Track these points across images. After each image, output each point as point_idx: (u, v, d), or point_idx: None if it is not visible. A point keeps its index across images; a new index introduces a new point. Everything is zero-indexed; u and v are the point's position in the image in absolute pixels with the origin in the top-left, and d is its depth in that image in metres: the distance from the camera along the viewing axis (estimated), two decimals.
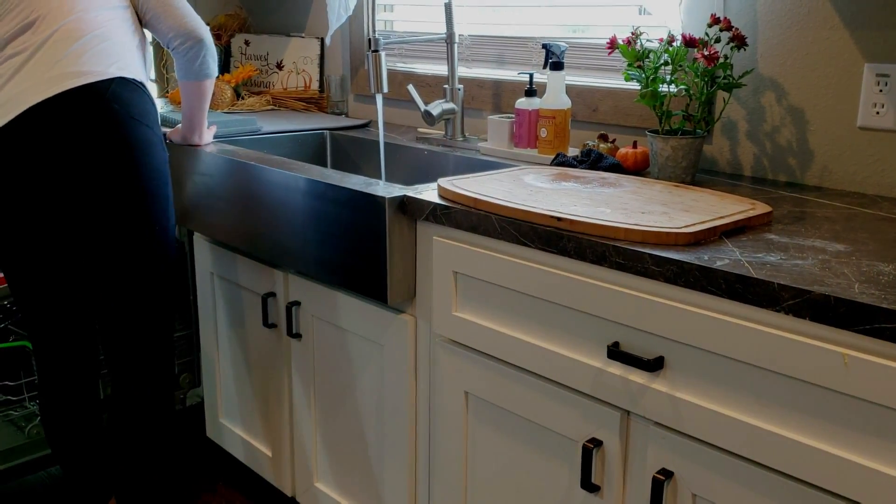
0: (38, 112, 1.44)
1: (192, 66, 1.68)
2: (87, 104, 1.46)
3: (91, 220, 1.52)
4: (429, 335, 1.50)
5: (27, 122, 1.44)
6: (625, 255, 1.13)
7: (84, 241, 1.55)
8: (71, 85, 1.45)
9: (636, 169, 1.65)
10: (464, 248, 1.37)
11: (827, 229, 1.24)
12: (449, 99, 2.03)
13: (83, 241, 1.55)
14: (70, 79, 1.45)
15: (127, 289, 1.60)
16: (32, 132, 1.45)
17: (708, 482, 1.10)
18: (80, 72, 1.46)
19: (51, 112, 1.44)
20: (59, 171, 1.47)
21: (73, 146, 1.46)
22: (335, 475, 1.80)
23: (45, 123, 1.45)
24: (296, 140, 2.18)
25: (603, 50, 1.84)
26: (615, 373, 1.18)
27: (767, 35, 1.60)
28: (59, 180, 1.48)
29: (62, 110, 1.45)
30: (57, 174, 1.48)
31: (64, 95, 1.44)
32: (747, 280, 1.01)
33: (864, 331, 0.92)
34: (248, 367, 1.98)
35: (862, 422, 0.94)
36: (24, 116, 1.44)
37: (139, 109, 1.53)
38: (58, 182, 1.48)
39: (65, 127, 1.45)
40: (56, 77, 1.45)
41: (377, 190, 1.48)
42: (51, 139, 1.45)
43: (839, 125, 1.54)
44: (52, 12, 1.50)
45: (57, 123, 1.45)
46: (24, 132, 1.45)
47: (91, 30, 1.52)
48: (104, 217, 1.52)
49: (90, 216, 1.52)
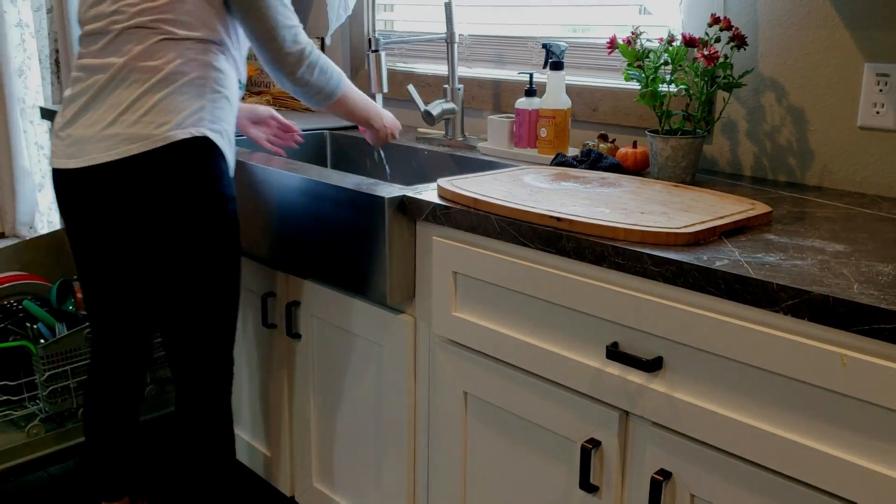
0: (93, 171, 1.49)
1: (302, 100, 1.65)
2: (134, 174, 1.48)
3: (144, 255, 1.56)
4: (428, 335, 1.50)
5: (85, 174, 1.51)
6: (624, 256, 1.13)
7: (139, 267, 1.59)
8: (124, 154, 1.46)
9: (636, 169, 1.65)
10: (463, 249, 1.37)
11: (826, 229, 1.24)
12: (449, 99, 2.03)
13: (138, 267, 1.60)
14: (125, 144, 1.46)
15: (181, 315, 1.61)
16: (88, 184, 1.52)
17: (706, 483, 1.10)
18: (136, 135, 1.46)
19: (102, 174, 1.49)
20: (108, 220, 1.55)
21: (119, 206, 1.52)
22: (334, 475, 1.80)
23: (97, 182, 1.51)
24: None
25: (603, 50, 1.84)
26: (614, 373, 1.18)
27: (767, 35, 1.60)
28: (110, 225, 1.56)
29: (112, 176, 1.49)
30: (107, 220, 1.55)
31: (115, 163, 1.47)
32: (746, 280, 1.01)
33: (863, 331, 0.92)
34: (248, 367, 1.98)
35: (860, 422, 0.94)
36: (84, 169, 1.50)
37: (190, 174, 1.50)
38: (109, 225, 1.56)
39: (112, 191, 1.50)
40: (113, 137, 1.47)
41: (377, 190, 1.48)
42: (101, 196, 1.52)
43: (839, 125, 1.54)
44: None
45: (106, 186, 1.50)
46: (82, 181, 1.52)
47: (163, 65, 1.48)
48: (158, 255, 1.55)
49: (143, 253, 1.56)
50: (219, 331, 1.63)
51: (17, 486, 2.20)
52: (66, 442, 2.01)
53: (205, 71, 1.52)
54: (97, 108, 1.49)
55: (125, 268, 1.62)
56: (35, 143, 4.46)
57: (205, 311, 1.59)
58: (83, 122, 1.50)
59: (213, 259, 1.56)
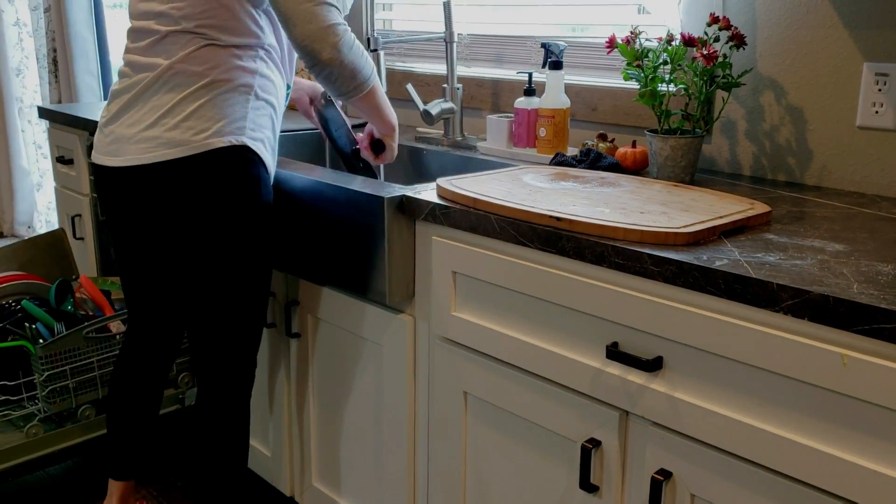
0: (131, 171, 1.50)
1: (332, 89, 1.51)
2: (170, 178, 1.48)
3: (178, 256, 1.57)
4: (428, 335, 1.50)
5: (123, 173, 1.51)
6: (624, 255, 1.13)
7: (173, 266, 1.60)
8: (161, 158, 1.46)
9: (635, 168, 1.65)
10: (463, 248, 1.37)
11: (826, 229, 1.24)
12: (448, 98, 2.03)
13: (173, 266, 1.60)
14: (163, 148, 1.46)
15: (210, 318, 1.61)
16: (126, 182, 1.53)
17: (707, 482, 1.10)
18: (174, 140, 1.45)
19: (139, 175, 1.50)
20: (145, 219, 1.56)
21: (154, 207, 1.53)
22: (334, 475, 1.80)
23: (134, 182, 1.51)
24: (295, 140, 2.17)
25: (602, 49, 1.84)
26: (614, 373, 1.18)
27: (766, 34, 1.60)
28: (146, 223, 1.57)
29: (149, 178, 1.49)
30: (143, 219, 1.56)
31: (152, 166, 1.47)
32: (746, 280, 1.01)
33: (863, 331, 0.92)
34: None
35: (861, 422, 0.94)
36: (122, 168, 1.51)
37: (226, 182, 1.49)
38: (145, 223, 1.57)
39: (148, 192, 1.51)
40: (152, 140, 1.47)
41: (376, 190, 1.48)
42: (138, 195, 1.53)
43: (838, 124, 1.54)
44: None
45: (142, 187, 1.51)
46: (120, 179, 1.53)
47: (207, 71, 1.47)
48: (190, 258, 1.55)
49: (177, 254, 1.57)
50: (245, 335, 1.63)
51: (16, 487, 2.20)
52: (65, 442, 2.01)
53: (249, 78, 1.50)
54: (140, 107, 1.49)
55: (160, 265, 1.63)
56: (33, 143, 4.45)
57: (233, 316, 1.59)
58: (125, 120, 1.51)
59: (243, 265, 1.56)
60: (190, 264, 1.55)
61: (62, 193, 2.65)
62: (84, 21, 3.81)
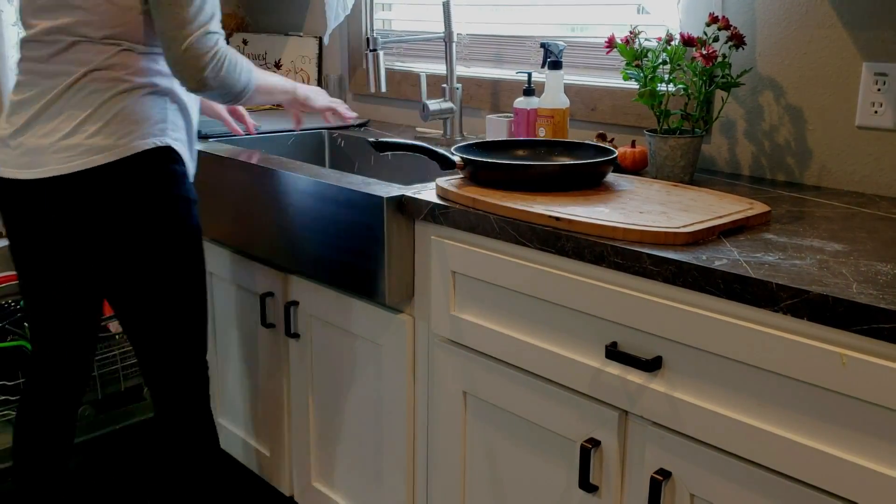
0: (51, 182, 1.45)
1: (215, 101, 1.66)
2: (96, 185, 1.44)
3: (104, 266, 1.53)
4: (427, 335, 1.50)
5: (41, 186, 1.46)
6: (623, 255, 1.13)
7: (93, 280, 1.57)
8: (86, 165, 1.43)
9: (634, 168, 1.65)
10: (462, 248, 1.37)
11: (825, 229, 1.24)
12: (447, 98, 2.03)
13: (93, 280, 1.57)
14: (87, 155, 1.43)
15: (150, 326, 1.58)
16: (44, 196, 1.47)
17: (706, 482, 1.10)
18: (98, 146, 1.43)
19: (61, 186, 1.45)
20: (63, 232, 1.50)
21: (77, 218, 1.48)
22: (333, 475, 1.80)
23: (54, 194, 1.46)
24: (294, 139, 2.18)
25: (601, 49, 1.84)
26: (613, 373, 1.18)
27: (766, 34, 1.60)
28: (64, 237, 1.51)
29: (72, 188, 1.44)
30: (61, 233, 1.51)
31: (76, 174, 1.43)
32: (745, 280, 1.01)
33: (863, 331, 0.92)
34: (247, 366, 1.98)
35: (860, 422, 0.94)
36: (41, 181, 1.45)
37: (154, 183, 1.48)
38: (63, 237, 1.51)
39: (71, 202, 1.46)
40: (73, 148, 1.43)
41: (375, 189, 1.48)
42: (57, 208, 1.47)
43: (837, 124, 1.54)
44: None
45: (64, 198, 1.46)
46: (37, 192, 1.48)
47: (124, 76, 1.45)
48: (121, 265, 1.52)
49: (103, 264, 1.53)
50: (189, 337, 1.61)
51: (13, 487, 2.19)
52: None
53: (164, 80, 1.51)
54: (54, 116, 1.45)
55: (77, 281, 1.58)
56: None
57: (174, 318, 1.57)
58: (37, 130, 1.46)
59: (180, 265, 1.55)
60: (121, 271, 1.51)
61: None
62: None
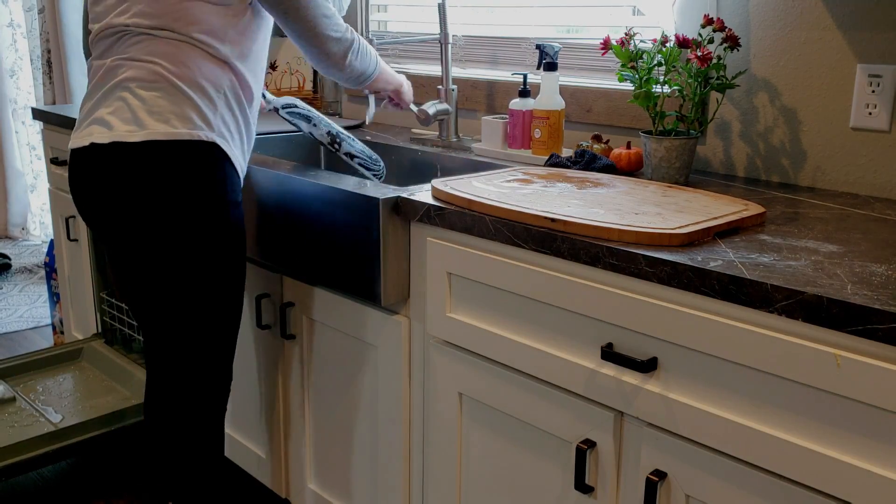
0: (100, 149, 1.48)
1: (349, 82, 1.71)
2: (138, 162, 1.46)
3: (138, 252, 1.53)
4: (422, 336, 1.50)
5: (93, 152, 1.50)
6: (618, 256, 1.13)
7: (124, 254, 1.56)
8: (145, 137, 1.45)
9: (630, 169, 1.65)
10: (457, 250, 1.37)
11: (820, 230, 1.25)
12: (443, 100, 2.03)
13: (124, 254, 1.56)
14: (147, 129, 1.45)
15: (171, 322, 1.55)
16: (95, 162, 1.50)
17: (701, 483, 1.10)
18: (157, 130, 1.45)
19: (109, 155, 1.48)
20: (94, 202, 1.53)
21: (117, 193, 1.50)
22: (329, 476, 1.80)
23: (86, 166, 1.50)
24: (289, 141, 2.17)
25: (596, 50, 1.84)
26: (609, 374, 1.18)
27: (760, 36, 1.61)
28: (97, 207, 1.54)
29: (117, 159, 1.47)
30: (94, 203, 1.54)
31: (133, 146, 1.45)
32: (740, 281, 1.01)
33: (857, 332, 0.92)
34: (242, 368, 1.98)
35: (854, 423, 0.94)
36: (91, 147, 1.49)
37: (191, 177, 1.48)
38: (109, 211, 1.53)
39: (115, 175, 1.49)
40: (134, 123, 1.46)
41: (371, 191, 1.48)
42: (88, 180, 1.52)
43: (832, 126, 1.54)
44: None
45: (90, 171, 1.50)
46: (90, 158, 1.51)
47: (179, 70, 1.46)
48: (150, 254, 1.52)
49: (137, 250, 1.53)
50: (212, 342, 1.57)
51: (9, 488, 2.19)
52: (58, 442, 2.00)
53: (222, 77, 1.50)
54: (112, 103, 1.48)
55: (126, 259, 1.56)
56: (27, 144, 4.44)
57: (198, 320, 1.54)
58: (103, 111, 1.49)
59: (207, 265, 1.51)
60: (149, 260, 1.50)
61: (56, 195, 2.65)
62: (78, 22, 3.80)
